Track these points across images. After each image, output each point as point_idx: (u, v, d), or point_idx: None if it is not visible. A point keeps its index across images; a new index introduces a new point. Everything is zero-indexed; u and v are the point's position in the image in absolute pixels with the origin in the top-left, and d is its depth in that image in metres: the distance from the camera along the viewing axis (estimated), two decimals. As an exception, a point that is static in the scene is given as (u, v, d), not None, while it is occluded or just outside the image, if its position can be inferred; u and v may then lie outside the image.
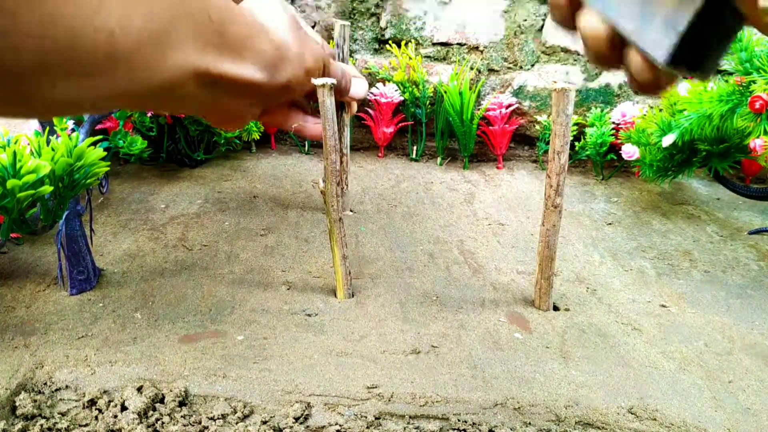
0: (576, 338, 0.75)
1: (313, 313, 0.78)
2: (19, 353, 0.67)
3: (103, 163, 0.63)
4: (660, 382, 0.67)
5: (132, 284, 0.83)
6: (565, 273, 0.93)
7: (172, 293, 0.81)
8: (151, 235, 0.99)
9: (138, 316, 0.75)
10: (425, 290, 0.85)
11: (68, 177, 0.58)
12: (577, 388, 0.65)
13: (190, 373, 0.64)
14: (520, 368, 0.68)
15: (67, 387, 0.63)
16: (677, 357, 0.73)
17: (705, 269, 0.97)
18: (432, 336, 0.74)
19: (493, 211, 1.17)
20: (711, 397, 0.65)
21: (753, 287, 0.92)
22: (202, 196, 1.16)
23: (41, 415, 0.60)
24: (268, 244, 0.97)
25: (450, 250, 0.99)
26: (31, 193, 0.52)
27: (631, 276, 0.94)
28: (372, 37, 1.49)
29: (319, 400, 0.61)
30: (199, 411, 0.61)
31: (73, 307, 0.77)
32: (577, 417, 0.61)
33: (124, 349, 0.68)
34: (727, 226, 1.14)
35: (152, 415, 0.59)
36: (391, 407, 0.61)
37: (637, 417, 0.62)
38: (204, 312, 0.77)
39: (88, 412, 0.61)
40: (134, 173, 1.27)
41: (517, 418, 0.61)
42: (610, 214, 1.19)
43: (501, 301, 0.83)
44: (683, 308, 0.85)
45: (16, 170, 0.51)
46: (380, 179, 1.31)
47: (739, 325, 0.81)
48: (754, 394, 0.66)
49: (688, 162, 1.08)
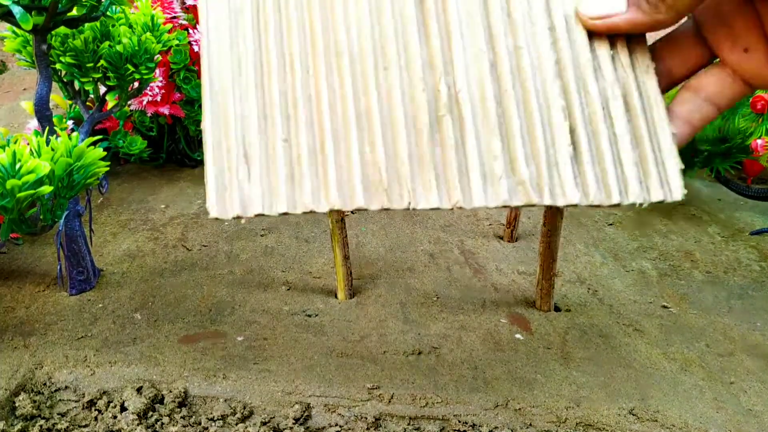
0: (577, 339, 0.75)
1: (313, 313, 0.77)
2: (19, 353, 0.67)
3: (103, 163, 0.63)
4: (661, 383, 0.67)
5: (131, 285, 0.83)
6: (566, 274, 0.93)
7: (171, 294, 0.81)
8: (150, 235, 0.99)
9: (137, 317, 0.75)
10: (426, 291, 0.85)
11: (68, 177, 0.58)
12: (578, 389, 0.65)
13: (190, 374, 0.64)
14: (520, 369, 0.68)
15: (66, 387, 0.63)
16: (679, 358, 0.72)
17: (706, 270, 0.97)
18: (433, 337, 0.73)
19: (494, 212, 1.17)
20: (712, 398, 0.65)
21: (754, 288, 0.92)
22: (201, 196, 1.16)
23: (41, 415, 0.60)
24: (268, 245, 0.97)
25: (451, 250, 0.99)
26: (30, 193, 0.51)
27: (633, 277, 0.93)
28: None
29: (319, 401, 0.61)
30: (199, 412, 0.61)
31: (73, 308, 0.76)
32: (578, 418, 0.61)
33: (123, 349, 0.68)
34: (729, 226, 1.13)
35: (152, 415, 0.59)
36: (391, 408, 0.61)
37: (639, 418, 0.62)
38: (204, 312, 0.77)
39: (87, 413, 0.60)
40: (134, 173, 1.27)
41: (517, 420, 0.61)
42: (611, 215, 1.18)
43: (502, 302, 0.83)
44: (685, 309, 0.85)
45: (15, 170, 0.51)
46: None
47: (741, 326, 0.81)
48: (755, 395, 0.66)
49: (689, 162, 1.08)
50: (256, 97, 0.38)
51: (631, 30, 0.39)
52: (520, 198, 0.37)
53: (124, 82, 0.75)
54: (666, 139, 0.41)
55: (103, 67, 0.73)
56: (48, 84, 0.70)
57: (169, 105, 1.14)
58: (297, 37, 0.40)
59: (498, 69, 0.39)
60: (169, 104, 1.14)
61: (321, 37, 0.39)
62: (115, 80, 0.74)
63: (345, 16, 0.39)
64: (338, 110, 0.38)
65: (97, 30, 0.72)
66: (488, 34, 0.40)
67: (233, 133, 0.38)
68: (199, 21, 0.41)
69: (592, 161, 0.38)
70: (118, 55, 0.71)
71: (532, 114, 0.39)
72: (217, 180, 0.36)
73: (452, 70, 0.39)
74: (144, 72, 0.73)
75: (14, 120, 1.54)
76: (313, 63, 0.39)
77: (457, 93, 0.38)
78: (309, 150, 0.36)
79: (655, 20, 0.37)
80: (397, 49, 0.39)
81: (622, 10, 0.38)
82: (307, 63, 0.39)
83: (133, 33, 0.73)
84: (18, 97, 1.68)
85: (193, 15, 1.19)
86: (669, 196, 0.38)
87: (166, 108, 1.13)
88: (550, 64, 0.40)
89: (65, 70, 0.72)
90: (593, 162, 0.38)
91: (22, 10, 0.60)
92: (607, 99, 0.40)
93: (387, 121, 0.38)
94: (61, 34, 0.70)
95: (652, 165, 0.39)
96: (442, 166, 0.37)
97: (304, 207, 0.34)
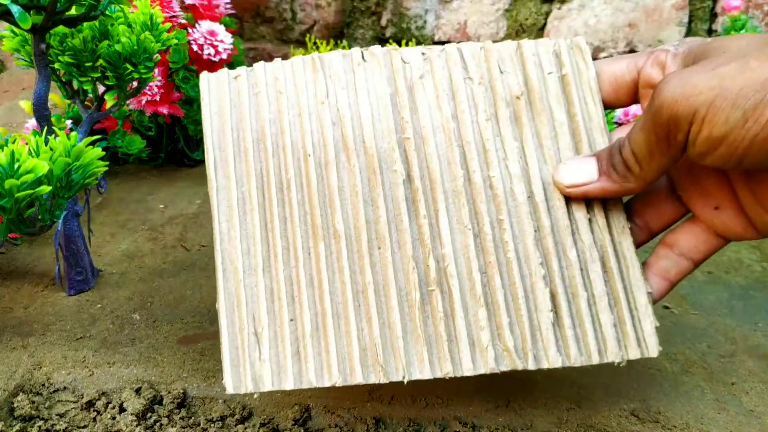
0: (578, 340, 0.74)
1: (313, 314, 0.77)
2: (17, 354, 0.67)
3: (102, 163, 0.62)
4: (663, 384, 0.67)
5: (130, 285, 0.83)
6: (566, 274, 0.93)
7: (170, 294, 0.81)
8: (149, 235, 0.98)
9: (136, 317, 0.75)
10: (426, 291, 0.85)
11: (66, 177, 0.58)
12: (580, 390, 0.65)
13: (189, 375, 0.64)
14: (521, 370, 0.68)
15: (65, 388, 0.63)
16: (680, 359, 0.72)
17: (708, 270, 0.97)
18: (433, 337, 0.73)
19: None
20: (714, 400, 0.65)
21: (756, 288, 0.91)
22: (201, 196, 1.16)
23: (39, 416, 0.59)
24: (268, 245, 0.97)
25: (451, 250, 0.98)
26: (29, 192, 0.51)
27: (633, 277, 0.93)
28: (372, 36, 1.48)
29: (319, 403, 0.61)
30: (198, 413, 0.60)
31: (71, 308, 0.76)
32: (579, 419, 0.61)
33: (122, 350, 0.68)
34: (729, 226, 1.13)
35: (150, 416, 0.59)
36: (391, 409, 0.61)
37: (640, 420, 0.61)
38: (203, 313, 0.76)
39: (86, 414, 0.60)
40: (133, 173, 1.27)
41: (518, 421, 0.61)
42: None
43: (502, 302, 0.83)
44: (686, 309, 0.85)
45: (14, 170, 0.50)
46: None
47: (742, 326, 0.81)
48: (757, 396, 0.66)
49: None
50: (263, 279, 0.41)
51: (603, 196, 0.40)
52: (506, 364, 0.42)
53: (122, 82, 0.74)
54: (642, 299, 0.44)
55: (101, 67, 0.72)
56: (46, 83, 0.69)
57: (168, 104, 1.14)
58: (299, 223, 0.42)
59: (482, 242, 0.42)
60: (168, 104, 1.14)
61: (320, 221, 0.42)
62: (113, 80, 0.73)
63: (341, 204, 0.41)
64: (337, 291, 0.41)
65: (96, 29, 0.71)
66: (472, 209, 0.42)
67: (245, 313, 0.41)
68: (211, 206, 0.44)
69: (573, 325, 0.41)
70: (117, 54, 0.71)
71: (515, 283, 0.41)
72: (232, 357, 0.40)
73: (440, 246, 0.41)
74: (143, 71, 0.73)
75: (13, 119, 1.54)
76: (314, 245, 0.42)
77: (446, 267, 0.41)
78: (312, 328, 0.39)
79: (624, 189, 0.38)
80: (389, 229, 0.41)
81: (594, 179, 0.39)
82: (308, 245, 0.42)
83: (132, 32, 0.72)
84: (16, 97, 1.68)
85: (192, 14, 1.18)
86: (646, 353, 0.41)
87: (165, 107, 1.13)
88: (530, 232, 0.42)
89: (64, 70, 0.72)
90: (573, 326, 0.41)
91: (21, 9, 0.60)
92: (585, 262, 0.42)
93: (381, 299, 0.40)
94: (60, 34, 0.70)
95: (629, 326, 0.41)
96: (434, 336, 0.40)
97: (309, 384, 0.37)
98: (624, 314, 0.41)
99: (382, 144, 0.41)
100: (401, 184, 0.41)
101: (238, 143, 0.42)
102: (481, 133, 0.42)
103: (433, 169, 0.41)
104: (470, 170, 0.42)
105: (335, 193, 0.42)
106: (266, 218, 0.42)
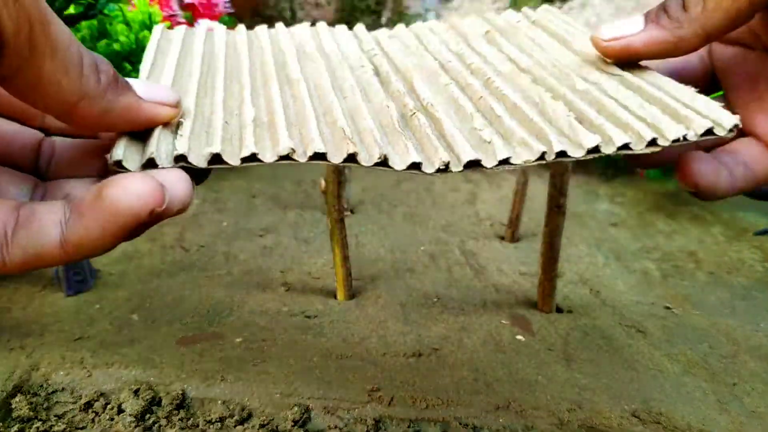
0: (579, 340, 0.74)
1: (313, 314, 0.77)
2: (15, 355, 0.66)
3: (100, 163, 0.62)
4: (664, 385, 0.67)
5: (129, 285, 0.82)
6: (568, 274, 0.92)
7: (169, 295, 0.80)
8: (148, 235, 0.98)
9: (135, 318, 0.75)
10: (426, 292, 0.85)
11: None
12: (581, 391, 0.64)
13: (188, 376, 0.63)
14: (522, 371, 0.67)
15: (63, 389, 0.62)
16: (682, 360, 0.72)
17: (710, 270, 0.96)
18: (433, 338, 0.73)
19: (495, 212, 1.16)
20: (715, 401, 0.64)
21: (758, 289, 0.91)
22: (199, 196, 1.15)
23: (37, 417, 0.59)
24: (267, 245, 0.96)
25: (451, 251, 0.98)
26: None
27: (636, 277, 0.93)
28: (373, 36, 1.48)
29: (319, 404, 0.61)
30: (197, 414, 0.60)
31: (70, 309, 0.76)
32: (580, 420, 0.60)
33: (120, 351, 0.67)
34: (733, 227, 1.13)
35: (149, 417, 0.59)
36: (391, 411, 0.60)
37: (641, 421, 0.61)
38: (202, 314, 0.76)
39: (84, 415, 0.60)
40: (133, 173, 1.26)
41: (519, 422, 0.60)
42: (614, 215, 1.18)
43: (503, 303, 0.82)
44: (688, 310, 0.84)
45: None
46: (381, 179, 1.30)
47: (744, 327, 0.80)
48: (759, 397, 0.65)
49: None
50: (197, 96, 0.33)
51: (649, 54, 0.33)
52: (522, 154, 0.30)
53: (121, 81, 0.74)
54: (686, 92, 0.34)
55: (100, 66, 0.72)
56: (44, 83, 0.69)
57: (167, 104, 1.13)
58: (248, 71, 0.37)
59: (469, 90, 0.36)
60: (168, 103, 1.14)
61: (274, 71, 0.37)
62: (112, 79, 0.73)
63: (306, 85, 0.36)
64: (298, 93, 0.34)
65: (94, 28, 0.71)
66: (453, 79, 0.38)
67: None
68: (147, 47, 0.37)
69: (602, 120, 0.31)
70: (115, 53, 0.71)
71: (516, 104, 0.33)
72: None
73: (418, 96, 0.36)
74: (141, 70, 0.73)
75: (13, 119, 1.53)
76: (264, 84, 0.36)
77: (427, 106, 0.34)
78: (254, 121, 0.31)
79: (676, 37, 0.32)
80: (354, 85, 0.36)
81: (640, 29, 0.33)
82: (256, 84, 0.36)
83: (131, 31, 0.72)
84: (17, 97, 1.68)
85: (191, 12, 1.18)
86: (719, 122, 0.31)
87: (164, 107, 1.13)
88: (527, 83, 0.36)
89: (62, 69, 0.72)
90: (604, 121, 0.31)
91: (18, 7, 0.60)
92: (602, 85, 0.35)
93: (351, 111, 0.33)
94: (58, 33, 0.70)
95: (680, 106, 0.32)
96: (418, 139, 0.33)
97: (247, 151, 0.28)
98: (668, 101, 0.32)
99: (348, 54, 0.40)
100: (371, 74, 0.37)
101: (183, 63, 0.36)
102: (459, 53, 0.40)
103: (408, 66, 0.38)
104: (445, 61, 0.39)
105: (300, 82, 0.35)
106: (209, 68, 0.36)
